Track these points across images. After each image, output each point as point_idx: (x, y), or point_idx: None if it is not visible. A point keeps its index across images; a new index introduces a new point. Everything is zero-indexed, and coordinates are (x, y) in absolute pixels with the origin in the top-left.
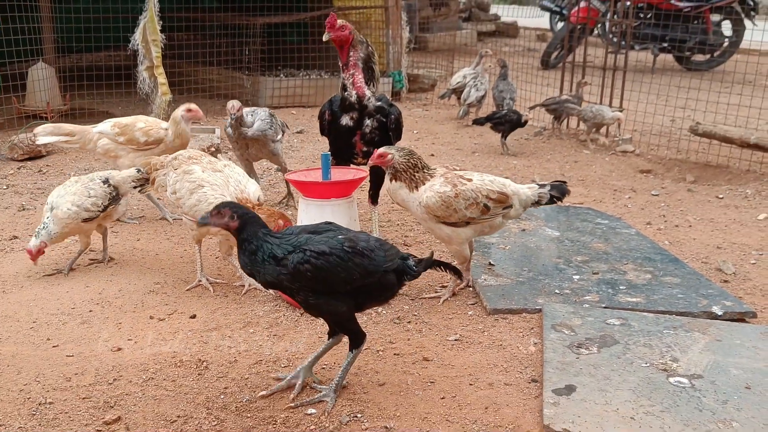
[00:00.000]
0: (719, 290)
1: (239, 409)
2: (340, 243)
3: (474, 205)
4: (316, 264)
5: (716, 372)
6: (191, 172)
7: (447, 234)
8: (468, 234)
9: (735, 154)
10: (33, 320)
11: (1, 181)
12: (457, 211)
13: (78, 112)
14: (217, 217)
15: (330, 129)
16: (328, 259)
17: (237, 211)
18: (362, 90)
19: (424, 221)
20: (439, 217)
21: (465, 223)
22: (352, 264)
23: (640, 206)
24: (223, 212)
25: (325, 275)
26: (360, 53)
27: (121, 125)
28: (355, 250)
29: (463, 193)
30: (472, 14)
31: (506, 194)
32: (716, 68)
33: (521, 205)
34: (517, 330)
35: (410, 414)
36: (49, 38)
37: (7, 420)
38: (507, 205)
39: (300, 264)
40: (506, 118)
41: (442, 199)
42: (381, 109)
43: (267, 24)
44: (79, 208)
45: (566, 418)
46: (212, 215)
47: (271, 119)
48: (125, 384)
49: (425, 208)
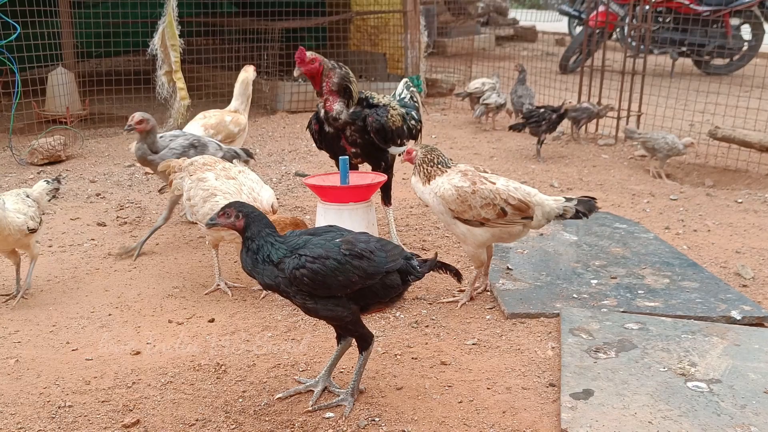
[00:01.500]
0: (738, 295)
1: (257, 413)
2: (338, 246)
3: (490, 205)
4: (312, 268)
5: (734, 376)
6: (205, 180)
7: (462, 232)
8: (484, 237)
9: (754, 158)
10: (53, 324)
11: (21, 186)
12: (471, 207)
13: (97, 116)
14: (224, 217)
15: (320, 137)
16: (324, 262)
17: (242, 209)
18: (330, 107)
19: (441, 215)
20: (454, 212)
21: (480, 223)
22: (351, 267)
23: (658, 210)
24: (229, 212)
25: (323, 279)
26: (333, 79)
27: (212, 125)
28: (353, 253)
29: (481, 191)
30: (491, 19)
31: (527, 204)
32: (735, 72)
33: (544, 217)
34: (535, 334)
35: (428, 418)
36: (69, 43)
37: (28, 423)
38: (526, 216)
39: (296, 269)
40: (544, 116)
41: (458, 193)
42: (357, 114)
43: (285, 29)
44: (26, 216)
45: (584, 422)
46: (219, 215)
47: (189, 150)
48: (144, 387)
49: (441, 198)
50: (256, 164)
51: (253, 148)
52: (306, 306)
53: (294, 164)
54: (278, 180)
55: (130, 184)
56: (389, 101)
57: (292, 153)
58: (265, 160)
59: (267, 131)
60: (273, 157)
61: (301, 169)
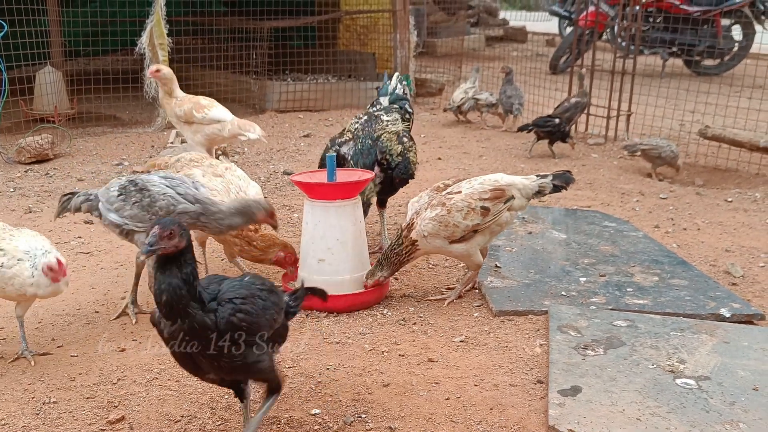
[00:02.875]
0: (727, 292)
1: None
2: (251, 283)
3: (471, 212)
4: (247, 310)
5: (723, 373)
6: (191, 176)
7: (462, 250)
8: (483, 241)
9: (744, 157)
10: (38, 321)
11: (8, 184)
12: (457, 225)
13: (85, 115)
14: (167, 239)
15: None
16: (254, 302)
17: (183, 230)
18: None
19: (444, 248)
20: (448, 238)
21: (473, 232)
22: (271, 303)
23: (648, 209)
24: (173, 231)
25: (257, 320)
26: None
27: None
28: (267, 287)
29: (455, 206)
30: (481, 19)
31: (501, 188)
32: (726, 72)
33: (523, 196)
34: (523, 331)
35: (415, 415)
36: (57, 42)
37: (11, 419)
38: (507, 198)
39: (233, 315)
40: (559, 127)
41: (437, 221)
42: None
43: (274, 28)
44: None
45: (572, 419)
46: (162, 237)
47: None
48: (129, 384)
49: (429, 236)
50: (245, 163)
51: (242, 147)
52: (233, 360)
53: (282, 163)
54: (266, 179)
55: None
56: (390, 136)
57: (281, 152)
58: (254, 159)
59: None
60: (261, 156)
61: (290, 168)
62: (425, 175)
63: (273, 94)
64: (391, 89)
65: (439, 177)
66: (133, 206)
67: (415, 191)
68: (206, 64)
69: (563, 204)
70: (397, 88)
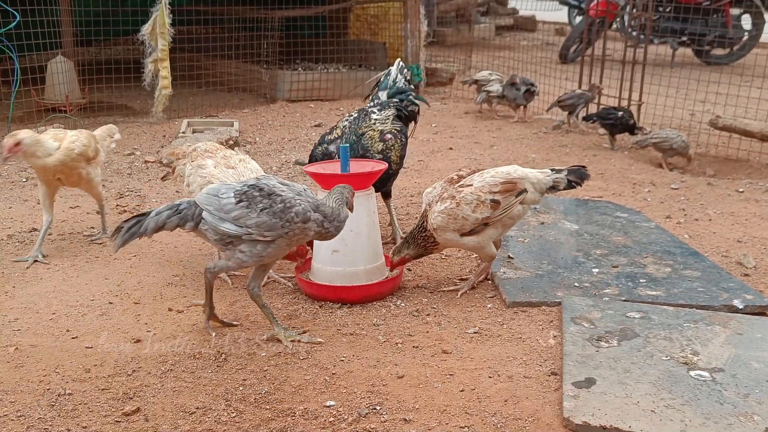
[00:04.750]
0: (740, 284)
1: (258, 401)
2: None
3: (480, 205)
4: None
5: (737, 365)
6: (204, 167)
7: (475, 243)
8: (495, 234)
9: (755, 147)
10: (52, 312)
11: (20, 174)
12: (466, 218)
13: (97, 105)
14: None
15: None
16: None
17: None
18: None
19: (456, 240)
20: (458, 230)
21: (484, 225)
22: None
23: (659, 200)
24: None
25: None
26: None
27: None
28: None
29: (464, 199)
30: (491, 8)
31: (512, 181)
32: (736, 62)
33: (536, 190)
34: (537, 323)
35: (429, 406)
36: (68, 31)
37: (27, 411)
38: (519, 191)
39: None
40: (621, 120)
41: (446, 214)
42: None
43: (285, 17)
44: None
45: (586, 410)
46: None
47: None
48: (144, 375)
49: (439, 229)
50: (256, 152)
51: (253, 137)
52: None
53: (294, 153)
54: (278, 168)
55: (129, 173)
56: (373, 134)
57: (292, 141)
58: (265, 148)
59: (267, 120)
60: (273, 146)
61: (301, 157)
62: (436, 165)
63: (284, 84)
64: (390, 82)
65: (451, 167)
66: (260, 213)
67: (428, 182)
68: (217, 54)
69: (574, 194)
70: (398, 79)
